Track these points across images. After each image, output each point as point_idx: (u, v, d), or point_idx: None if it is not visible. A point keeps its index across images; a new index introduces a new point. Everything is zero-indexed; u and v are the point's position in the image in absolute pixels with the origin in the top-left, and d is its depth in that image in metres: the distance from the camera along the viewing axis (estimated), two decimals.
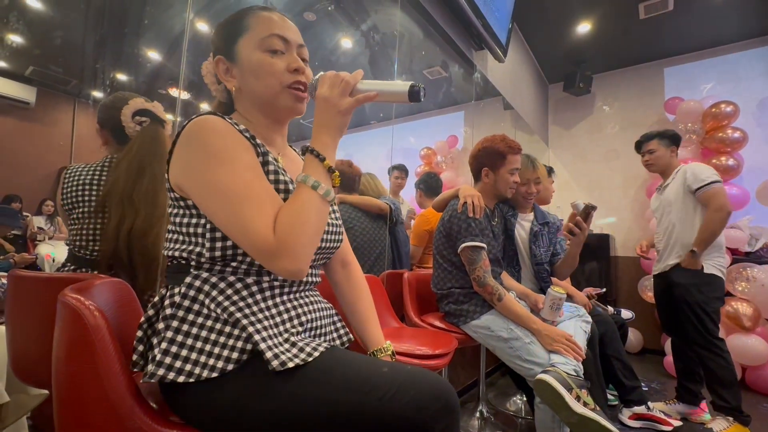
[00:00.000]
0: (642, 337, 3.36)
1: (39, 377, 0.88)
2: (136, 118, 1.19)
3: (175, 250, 0.64)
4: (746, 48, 3.24)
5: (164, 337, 0.58)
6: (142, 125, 1.19)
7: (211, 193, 0.58)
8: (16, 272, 0.89)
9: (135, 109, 1.18)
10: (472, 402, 2.03)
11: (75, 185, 1.17)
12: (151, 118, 1.20)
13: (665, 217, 2.04)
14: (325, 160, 0.62)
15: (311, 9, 2.55)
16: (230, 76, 0.70)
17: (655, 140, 2.08)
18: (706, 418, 1.93)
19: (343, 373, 0.59)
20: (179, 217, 0.64)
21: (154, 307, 0.64)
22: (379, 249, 1.97)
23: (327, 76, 0.65)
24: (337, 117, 0.64)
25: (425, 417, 0.56)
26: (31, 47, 1.78)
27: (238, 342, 0.59)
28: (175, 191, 0.63)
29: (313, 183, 0.60)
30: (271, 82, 0.67)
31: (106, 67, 1.97)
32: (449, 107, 4.23)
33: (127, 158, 1.14)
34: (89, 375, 0.54)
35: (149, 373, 0.56)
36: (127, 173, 1.12)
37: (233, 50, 0.69)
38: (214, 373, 0.57)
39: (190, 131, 0.60)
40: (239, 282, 0.62)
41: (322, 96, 0.64)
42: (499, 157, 1.53)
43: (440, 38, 2.43)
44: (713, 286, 1.84)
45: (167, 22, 1.88)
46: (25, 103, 2.05)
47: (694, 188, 1.88)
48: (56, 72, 1.95)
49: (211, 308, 0.60)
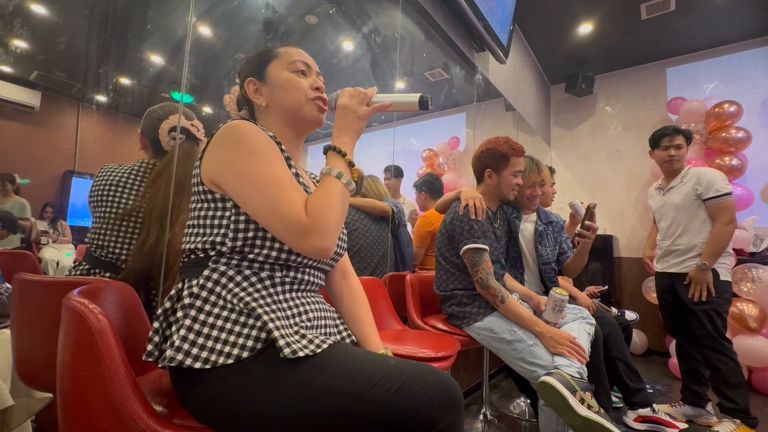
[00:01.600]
0: (647, 339, 3.33)
1: (44, 381, 0.88)
2: (172, 134, 1.20)
3: (195, 243, 0.67)
4: (749, 47, 3.23)
5: (183, 324, 0.61)
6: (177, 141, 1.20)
7: (247, 181, 0.64)
8: (22, 276, 0.89)
9: (173, 125, 1.20)
10: (476, 404, 2.03)
11: (104, 184, 1.17)
12: (187, 136, 1.22)
13: (669, 219, 2.01)
14: (346, 155, 0.71)
15: (313, 12, 2.56)
16: (259, 94, 0.79)
17: (681, 135, 1.98)
18: (713, 421, 1.92)
19: (351, 365, 0.61)
20: (204, 210, 0.68)
21: (170, 300, 0.66)
22: (382, 251, 1.97)
23: (347, 90, 0.76)
24: (356, 121, 0.73)
25: (431, 410, 0.58)
26: (36, 52, 1.79)
27: (253, 331, 0.61)
28: (204, 185, 0.68)
29: (337, 173, 0.68)
30: (297, 95, 0.77)
31: (110, 71, 1.98)
32: (451, 109, 4.23)
33: (166, 175, 1.14)
34: (94, 378, 0.54)
35: (168, 357, 0.58)
36: (166, 191, 1.12)
37: (264, 73, 0.79)
38: (230, 359, 0.59)
39: (225, 133, 0.67)
40: (254, 276, 0.66)
41: (343, 104, 0.74)
42: (502, 158, 1.53)
43: (441, 40, 2.43)
44: (725, 288, 1.82)
45: (170, 26, 1.89)
46: (30, 108, 2.07)
47: (705, 197, 1.83)
48: (60, 77, 1.97)
49: (228, 299, 0.63)
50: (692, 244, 1.89)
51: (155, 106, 1.25)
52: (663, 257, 2.05)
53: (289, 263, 0.69)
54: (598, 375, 1.48)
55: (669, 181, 2.04)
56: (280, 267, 0.68)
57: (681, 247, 1.94)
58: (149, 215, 1.11)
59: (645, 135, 3.63)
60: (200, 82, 0.87)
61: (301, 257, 0.69)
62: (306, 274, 0.73)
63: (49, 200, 2.24)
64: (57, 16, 1.78)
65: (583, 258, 1.69)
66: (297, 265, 0.71)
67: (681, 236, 1.94)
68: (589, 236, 1.57)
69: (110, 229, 1.14)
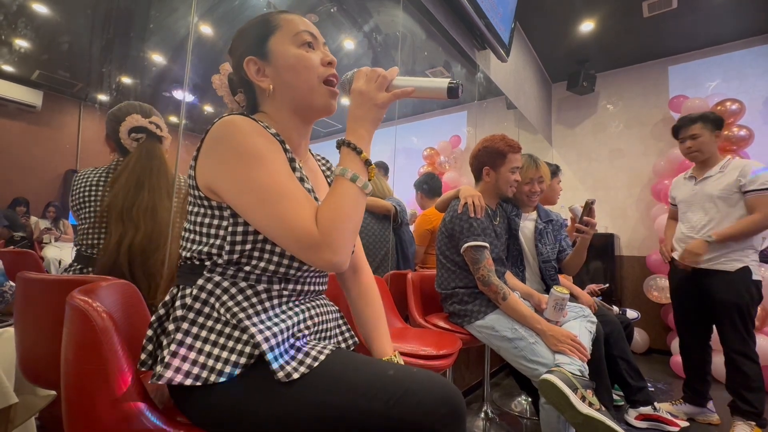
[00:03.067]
0: (648, 337, 3.33)
1: (47, 378, 0.89)
2: (132, 135, 1.22)
3: (190, 250, 0.64)
4: (751, 45, 3.21)
5: (173, 339, 0.59)
6: (139, 141, 1.22)
7: (248, 191, 0.57)
8: (25, 274, 0.90)
9: (130, 126, 1.21)
10: (477, 402, 2.03)
11: (83, 187, 1.21)
12: (148, 134, 1.23)
13: (700, 210, 1.86)
14: (362, 153, 0.63)
15: (314, 11, 2.56)
16: (263, 75, 0.69)
17: (698, 124, 1.85)
18: (714, 419, 1.92)
19: (348, 377, 0.59)
20: (200, 216, 0.64)
21: (164, 306, 0.64)
22: (385, 250, 1.97)
23: (363, 71, 0.66)
24: (373, 110, 0.64)
25: (432, 422, 0.56)
26: (38, 52, 1.79)
27: (246, 347, 0.59)
28: (200, 190, 0.62)
29: (351, 176, 0.60)
30: (309, 76, 0.67)
31: (112, 70, 1.98)
32: (452, 107, 4.22)
33: (125, 174, 1.16)
34: (97, 376, 0.55)
35: (157, 374, 0.57)
36: (125, 189, 1.14)
37: (265, 49, 0.68)
38: (222, 378, 0.57)
39: (218, 132, 0.60)
40: (250, 289, 0.62)
41: (359, 90, 0.64)
42: (499, 155, 1.53)
43: (443, 38, 2.43)
44: (757, 287, 1.75)
45: (172, 25, 1.90)
46: (32, 107, 2.07)
47: (748, 188, 1.72)
48: (63, 76, 1.97)
49: (221, 312, 0.60)
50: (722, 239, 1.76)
51: (114, 108, 1.27)
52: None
53: (288, 276, 0.65)
54: (599, 373, 1.48)
55: (703, 171, 1.90)
56: (278, 280, 0.65)
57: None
58: (110, 214, 1.13)
59: (647, 133, 3.63)
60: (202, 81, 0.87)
61: (302, 271, 0.66)
62: (306, 285, 0.69)
63: (51, 199, 2.25)
64: (60, 16, 1.79)
65: (582, 255, 1.69)
66: (297, 278, 0.67)
67: (708, 228, 1.81)
68: (588, 231, 1.57)
69: (95, 226, 1.18)
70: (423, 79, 0.66)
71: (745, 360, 1.72)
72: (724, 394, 1.83)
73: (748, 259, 1.75)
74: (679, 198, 2.00)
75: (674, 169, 3.17)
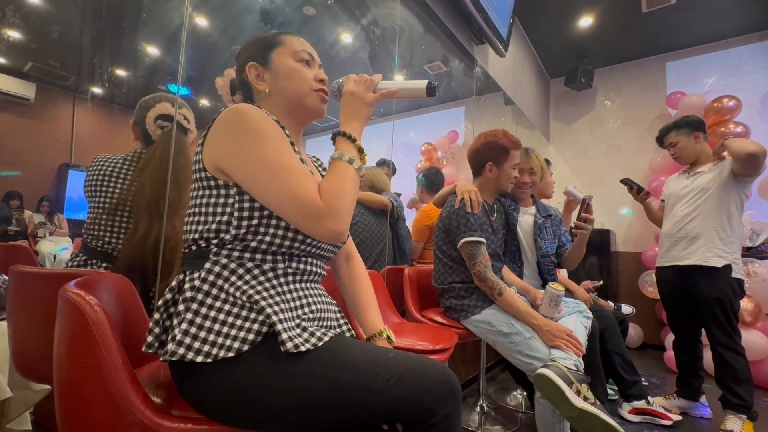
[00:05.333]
0: (642, 332, 3.36)
1: (41, 372, 0.88)
2: (158, 122, 1.19)
3: (197, 231, 0.66)
4: (749, 42, 3.22)
5: (184, 318, 0.60)
6: (164, 130, 1.19)
7: (257, 165, 0.62)
8: (18, 268, 0.89)
9: (159, 113, 1.19)
10: (473, 397, 2.04)
11: (98, 175, 1.17)
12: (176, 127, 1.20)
13: (687, 202, 1.90)
14: (356, 141, 0.71)
15: (311, 3, 2.53)
16: (261, 80, 0.78)
17: (672, 132, 1.97)
18: (706, 413, 1.94)
19: (352, 357, 0.62)
20: (205, 197, 0.67)
21: (171, 291, 0.66)
22: (381, 245, 1.97)
23: (351, 77, 0.76)
24: (364, 107, 0.73)
25: (430, 400, 0.59)
26: (29, 42, 1.76)
27: (255, 324, 0.61)
28: (207, 171, 0.66)
29: (348, 158, 0.67)
30: (301, 84, 0.77)
31: (105, 62, 1.96)
32: (450, 102, 4.21)
33: (152, 166, 1.14)
34: (91, 370, 0.54)
35: (169, 351, 0.58)
36: (153, 181, 1.12)
37: (268, 58, 0.77)
38: (231, 353, 0.59)
39: (228, 116, 0.65)
40: (257, 268, 0.66)
41: (350, 91, 0.74)
42: (503, 152, 1.53)
43: (441, 32, 2.41)
44: (739, 284, 1.81)
45: (165, 16, 1.87)
46: (25, 100, 2.04)
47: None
48: (54, 68, 1.94)
49: (230, 292, 0.63)
50: (704, 229, 1.81)
51: (147, 97, 1.24)
52: (668, 251, 1.97)
53: (293, 251, 0.69)
54: (594, 367, 1.49)
55: (696, 167, 1.96)
56: (282, 257, 0.68)
57: (691, 234, 1.85)
58: (137, 206, 1.11)
59: (644, 130, 3.63)
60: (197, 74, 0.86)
61: (305, 245, 0.69)
62: (309, 264, 0.73)
63: (45, 193, 2.23)
64: (50, 5, 1.76)
65: (581, 249, 1.70)
66: (300, 254, 0.70)
67: (694, 220, 1.86)
68: (586, 228, 1.59)
69: (104, 219, 1.15)
70: (405, 82, 0.76)
71: (732, 354, 1.77)
72: (716, 388, 1.86)
73: (731, 256, 1.80)
74: (670, 191, 2.05)
75: (671, 165, 3.18)
